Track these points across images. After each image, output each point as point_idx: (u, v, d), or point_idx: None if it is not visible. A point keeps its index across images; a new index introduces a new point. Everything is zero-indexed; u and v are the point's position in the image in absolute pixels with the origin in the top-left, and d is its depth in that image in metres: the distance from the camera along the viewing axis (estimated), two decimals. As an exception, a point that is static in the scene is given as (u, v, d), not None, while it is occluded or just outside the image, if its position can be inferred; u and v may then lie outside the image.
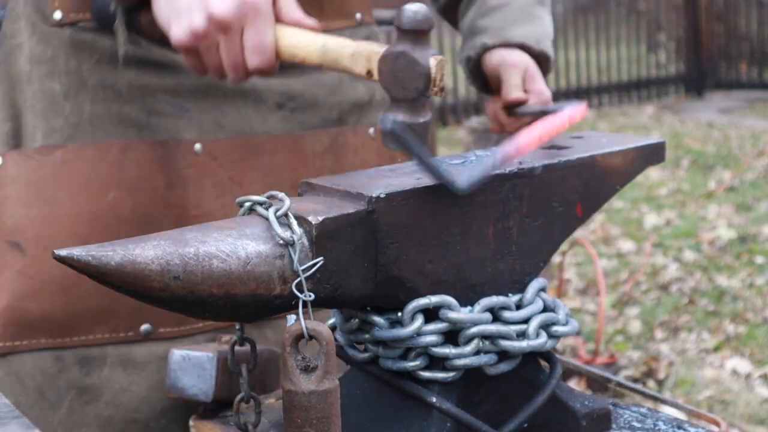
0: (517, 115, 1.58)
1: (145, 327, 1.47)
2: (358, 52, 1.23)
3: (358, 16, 1.75)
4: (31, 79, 1.55)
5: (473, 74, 1.71)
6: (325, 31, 1.57)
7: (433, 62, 1.15)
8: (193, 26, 1.30)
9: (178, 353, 1.22)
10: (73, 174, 1.51)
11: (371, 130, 1.72)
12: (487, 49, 1.67)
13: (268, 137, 1.58)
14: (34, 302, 1.46)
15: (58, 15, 1.54)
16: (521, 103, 1.61)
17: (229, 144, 1.55)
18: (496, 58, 1.67)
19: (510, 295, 1.10)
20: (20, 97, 1.57)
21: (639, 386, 1.36)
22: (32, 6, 1.56)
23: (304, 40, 1.32)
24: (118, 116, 1.52)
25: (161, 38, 1.41)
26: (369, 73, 1.22)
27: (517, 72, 1.66)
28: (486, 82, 1.71)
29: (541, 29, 1.72)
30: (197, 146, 1.53)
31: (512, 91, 1.63)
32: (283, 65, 1.52)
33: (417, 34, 1.16)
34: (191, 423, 1.24)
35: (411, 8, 1.16)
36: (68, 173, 1.51)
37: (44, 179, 1.51)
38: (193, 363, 1.21)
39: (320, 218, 0.97)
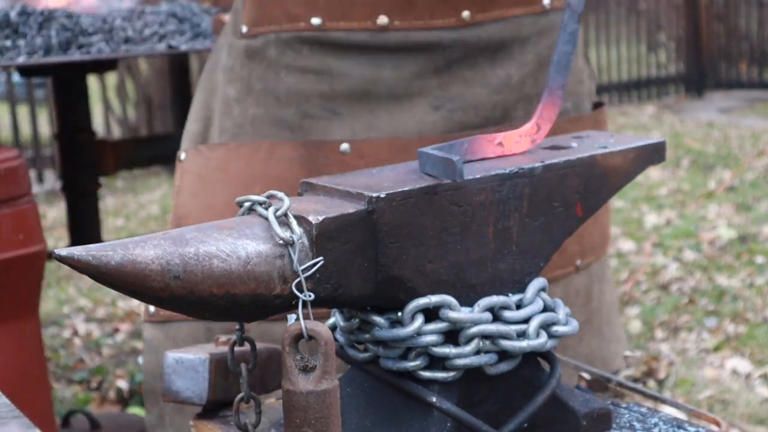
0: None
1: None
2: None
3: (547, 1, 1.71)
4: (219, 86, 1.74)
5: None
6: (497, 20, 1.66)
7: None
8: None
9: (171, 356, 1.21)
10: (229, 169, 1.68)
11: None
12: None
13: (417, 137, 1.64)
14: None
15: (244, 28, 1.69)
16: None
17: (377, 144, 1.64)
18: None
19: (510, 294, 1.10)
20: (214, 102, 1.75)
21: (639, 386, 1.36)
22: (232, 21, 1.73)
23: None
24: (275, 119, 1.67)
25: None
26: None
27: None
28: None
29: None
30: (344, 146, 1.64)
31: None
32: (447, 64, 1.62)
33: None
34: (191, 423, 1.23)
35: None
36: (226, 168, 1.69)
37: (209, 173, 1.70)
38: (186, 366, 1.20)
39: (320, 218, 0.97)
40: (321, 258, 0.97)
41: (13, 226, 2.16)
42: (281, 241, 0.96)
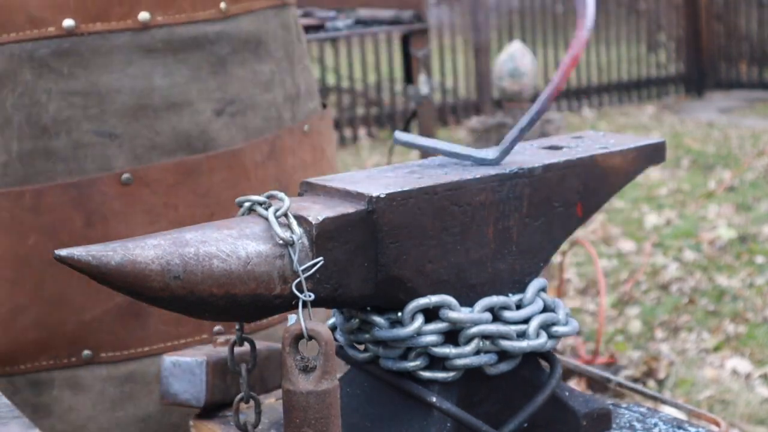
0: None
1: (86, 353, 1.49)
2: None
3: None
4: None
5: None
6: (247, 12, 1.57)
7: None
8: None
9: (168, 359, 1.22)
10: None
11: (306, 127, 1.66)
12: None
13: (205, 156, 1.51)
14: None
15: None
16: None
17: (162, 168, 1.49)
18: None
19: (510, 295, 1.10)
20: None
21: (639, 386, 1.36)
22: None
23: None
24: (45, 152, 1.45)
25: None
26: None
27: None
28: None
29: None
30: (125, 176, 1.48)
31: None
32: (220, 62, 1.51)
33: None
34: (191, 423, 1.23)
35: None
36: None
37: None
38: (183, 368, 1.20)
39: (320, 218, 0.97)
40: (321, 258, 0.97)
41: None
42: (281, 241, 0.96)
